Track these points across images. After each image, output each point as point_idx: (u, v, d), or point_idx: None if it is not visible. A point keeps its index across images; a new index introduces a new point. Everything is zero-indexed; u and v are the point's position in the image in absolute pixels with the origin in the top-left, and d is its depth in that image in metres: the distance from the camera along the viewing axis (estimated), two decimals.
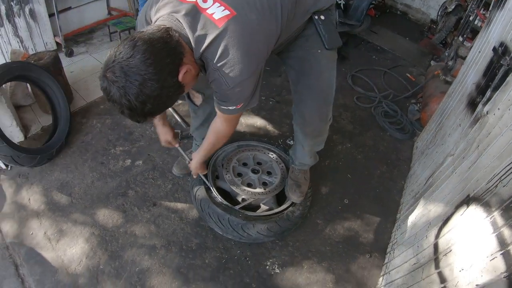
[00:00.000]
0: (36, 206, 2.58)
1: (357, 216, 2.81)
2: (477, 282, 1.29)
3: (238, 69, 1.48)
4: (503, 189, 1.40)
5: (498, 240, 1.30)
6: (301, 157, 2.56)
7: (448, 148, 2.41)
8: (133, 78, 1.25)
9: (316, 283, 2.35)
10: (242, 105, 1.66)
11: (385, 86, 4.39)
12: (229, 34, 1.43)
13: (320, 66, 1.98)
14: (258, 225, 2.35)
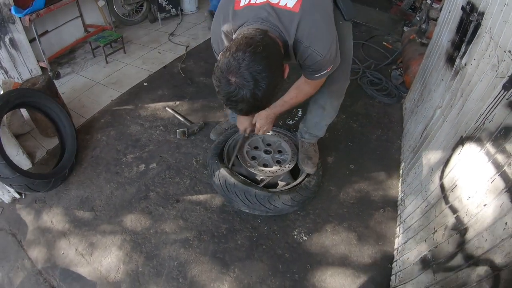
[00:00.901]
0: (60, 226, 2.65)
1: (365, 178, 3.06)
2: (484, 203, 1.54)
3: (325, 39, 1.75)
4: (489, 124, 1.67)
5: (494, 165, 1.54)
6: (313, 125, 2.76)
7: (435, 102, 2.66)
8: (263, 83, 1.47)
9: (342, 242, 2.56)
10: (331, 68, 1.93)
11: (365, 57, 4.69)
12: (307, 14, 1.67)
13: (343, 35, 2.13)
14: (283, 196, 2.57)
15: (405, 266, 2.19)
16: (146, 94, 3.99)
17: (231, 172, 2.71)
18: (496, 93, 1.68)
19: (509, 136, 1.48)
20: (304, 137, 2.90)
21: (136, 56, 4.78)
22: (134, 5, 5.51)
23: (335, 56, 1.90)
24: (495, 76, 1.76)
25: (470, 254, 1.53)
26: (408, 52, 4.15)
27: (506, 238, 1.32)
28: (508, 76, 1.62)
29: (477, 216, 1.57)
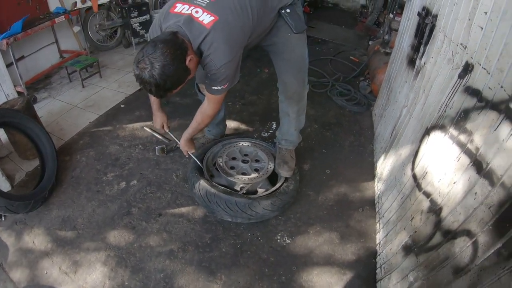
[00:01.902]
0: (42, 246, 2.57)
1: (341, 181, 3.13)
2: (454, 181, 1.63)
3: (222, 54, 2.05)
4: (450, 111, 1.83)
5: (458, 145, 1.67)
6: (286, 132, 2.93)
7: (401, 103, 2.80)
8: (156, 65, 1.83)
9: (325, 243, 2.59)
10: (227, 85, 2.21)
11: (334, 71, 4.89)
12: (215, 32, 2.00)
13: (292, 45, 2.50)
14: (263, 202, 2.60)
15: (389, 257, 2.24)
16: (124, 115, 3.98)
17: (211, 183, 2.73)
18: (453, 82, 1.85)
19: (468, 117, 1.62)
20: (281, 143, 3.01)
21: (112, 80, 4.78)
22: (108, 31, 5.53)
23: (232, 76, 2.20)
24: (451, 68, 1.93)
25: (448, 230, 1.60)
26: (374, 63, 4.31)
27: (477, 206, 1.39)
28: (462, 66, 1.78)
29: (449, 194, 1.65)
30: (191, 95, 4.21)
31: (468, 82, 1.71)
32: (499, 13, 1.46)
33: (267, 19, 2.31)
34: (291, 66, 2.59)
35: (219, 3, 2.07)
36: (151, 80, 1.87)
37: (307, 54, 2.63)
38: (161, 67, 1.84)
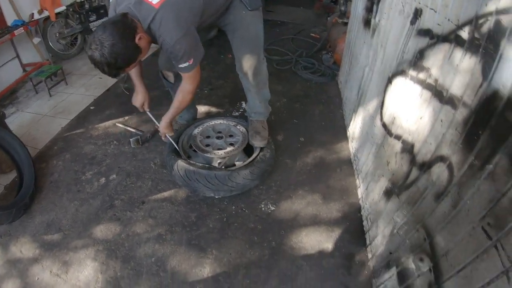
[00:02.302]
0: (30, 254, 2.49)
1: (316, 146, 3.15)
2: (420, 117, 1.66)
3: (172, 31, 2.05)
4: (407, 55, 1.89)
5: (419, 83, 1.72)
6: (253, 105, 2.95)
7: (363, 63, 2.83)
8: (106, 44, 1.88)
9: (308, 205, 2.61)
10: (192, 61, 2.20)
11: (296, 48, 4.91)
12: (163, 11, 2.02)
13: (247, 22, 2.51)
14: (242, 172, 2.61)
15: (373, 207, 2.27)
16: (95, 116, 3.89)
17: (189, 162, 2.72)
18: (407, 30, 1.91)
19: (423, 56, 1.69)
20: (251, 116, 3.03)
21: (78, 85, 4.66)
22: (68, 39, 5.37)
23: (193, 51, 2.19)
24: (403, 18, 1.99)
25: (422, 162, 1.62)
26: (334, 34, 4.35)
27: (445, 131, 1.42)
28: (413, 13, 1.85)
29: (418, 130, 1.68)
30: (159, 87, 4.16)
31: (419, 25, 1.77)
32: None
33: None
34: (246, 42, 2.60)
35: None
36: (102, 60, 1.92)
37: (262, 31, 2.64)
38: (110, 46, 1.89)
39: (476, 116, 1.24)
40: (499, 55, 1.12)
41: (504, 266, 1.03)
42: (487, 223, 1.13)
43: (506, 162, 1.07)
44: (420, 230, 1.59)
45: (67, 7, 5.17)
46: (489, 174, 1.14)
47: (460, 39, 1.37)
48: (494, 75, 1.15)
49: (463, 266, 1.23)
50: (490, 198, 1.13)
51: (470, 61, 1.29)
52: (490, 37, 1.18)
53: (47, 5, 4.82)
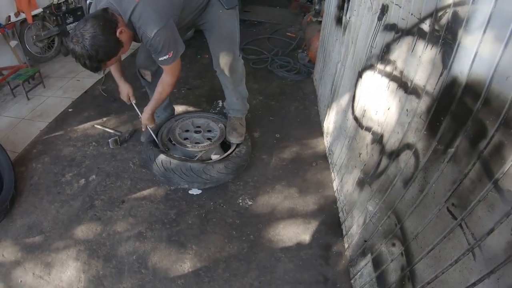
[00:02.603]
0: (13, 257, 2.45)
1: (292, 142, 3.19)
2: (388, 108, 1.71)
3: (151, 23, 2.07)
4: (375, 50, 1.95)
5: (386, 75, 1.78)
6: (231, 102, 2.97)
7: (335, 59, 2.88)
8: (87, 36, 1.91)
9: (285, 198, 2.64)
10: (172, 54, 2.22)
11: (272, 47, 4.94)
12: (143, 4, 2.05)
13: (223, 20, 2.57)
14: (217, 165, 2.65)
15: (347, 198, 2.31)
16: (73, 118, 3.84)
17: (167, 153, 2.75)
18: (374, 26, 1.97)
19: (390, 50, 1.74)
20: (229, 112, 3.07)
21: (56, 87, 4.58)
22: (46, 41, 5.26)
23: (172, 45, 2.21)
24: (371, 15, 2.05)
25: (391, 151, 1.67)
26: (308, 33, 4.41)
27: (411, 120, 1.47)
28: (380, 9, 1.90)
29: (386, 121, 1.73)
30: (136, 88, 4.10)
31: (386, 21, 1.83)
32: None
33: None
34: (222, 40, 2.64)
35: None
36: (83, 52, 1.94)
37: (237, 29, 2.68)
38: (91, 38, 1.91)
39: (438, 103, 1.28)
40: (457, 44, 1.17)
41: (469, 243, 1.08)
42: (451, 203, 1.18)
43: (466, 144, 1.11)
44: (391, 216, 1.63)
45: (44, 9, 5.06)
46: (451, 157, 1.19)
47: (422, 32, 1.42)
48: (453, 63, 1.19)
49: (432, 247, 1.28)
50: (453, 180, 1.17)
51: (431, 52, 1.34)
52: (449, 28, 1.23)
53: (23, 8, 4.71)
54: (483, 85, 1.04)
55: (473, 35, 1.09)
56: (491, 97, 1.01)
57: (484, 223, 1.02)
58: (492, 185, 1.00)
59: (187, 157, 2.80)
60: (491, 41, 1.02)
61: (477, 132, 1.07)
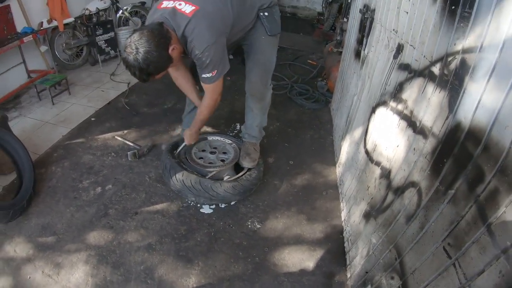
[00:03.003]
0: (24, 253, 2.55)
1: (304, 170, 3.27)
2: (397, 145, 1.80)
3: (203, 38, 2.21)
4: (389, 87, 2.04)
5: (397, 113, 1.86)
6: (250, 127, 3.08)
7: (352, 92, 2.99)
8: (141, 50, 2.04)
9: (293, 225, 2.71)
10: (216, 72, 2.35)
11: (293, 74, 5.07)
12: (196, 19, 2.18)
13: (263, 46, 2.71)
14: (225, 184, 2.76)
15: (353, 229, 2.38)
16: (95, 127, 4.00)
17: (181, 166, 2.88)
18: (390, 63, 2.06)
19: (402, 89, 1.83)
20: (245, 137, 3.17)
21: (81, 96, 4.78)
22: (74, 49, 5.52)
23: (218, 63, 2.34)
24: (387, 52, 2.14)
25: (397, 187, 1.74)
26: (329, 62, 4.53)
27: (417, 159, 1.55)
28: (395, 48, 2.00)
29: (395, 157, 1.81)
30: (159, 105, 4.34)
31: (400, 60, 1.92)
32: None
33: (247, 16, 2.52)
34: (259, 66, 2.76)
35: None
36: (135, 64, 2.08)
37: (275, 58, 2.83)
38: (145, 53, 2.04)
39: (442, 145, 1.37)
40: (463, 90, 1.26)
41: (460, 283, 1.15)
42: (447, 243, 1.25)
43: (465, 187, 1.20)
44: (392, 251, 1.70)
45: (76, 19, 5.34)
46: (451, 198, 1.26)
47: (433, 75, 1.52)
48: (458, 108, 1.28)
49: (427, 283, 1.34)
50: (451, 220, 1.25)
51: (440, 95, 1.43)
52: (456, 74, 1.32)
53: (56, 16, 4.99)
54: (484, 132, 1.12)
55: (478, 82, 1.18)
56: (491, 144, 1.09)
57: (475, 264, 1.09)
58: (485, 229, 1.07)
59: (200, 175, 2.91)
60: (494, 90, 1.10)
61: (476, 177, 1.14)
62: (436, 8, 1.52)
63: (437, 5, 1.51)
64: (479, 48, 1.18)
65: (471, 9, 1.23)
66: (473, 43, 1.22)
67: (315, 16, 7.36)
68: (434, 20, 1.53)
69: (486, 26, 1.15)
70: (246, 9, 2.48)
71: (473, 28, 1.22)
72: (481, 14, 1.19)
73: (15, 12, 4.56)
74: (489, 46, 1.13)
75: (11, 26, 4.51)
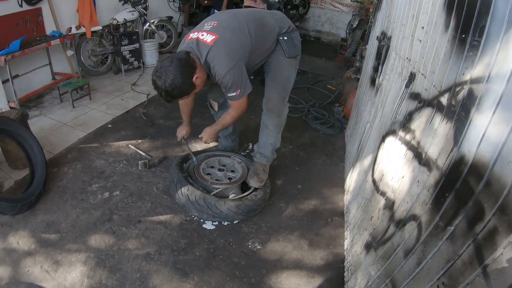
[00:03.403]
0: (26, 247, 2.59)
1: (312, 195, 3.23)
2: (402, 176, 1.77)
3: (223, 64, 2.41)
4: (399, 116, 2.01)
5: (404, 143, 1.84)
6: (263, 145, 3.10)
7: (365, 119, 2.97)
8: (169, 76, 2.27)
9: (294, 249, 2.66)
10: (240, 91, 2.53)
11: (310, 98, 5.05)
12: (216, 47, 2.41)
13: (282, 66, 2.82)
14: (228, 203, 2.76)
15: (354, 259, 2.32)
16: (111, 134, 4.07)
17: (188, 180, 2.91)
18: (402, 92, 2.05)
19: (412, 118, 1.81)
20: (256, 156, 3.17)
21: (101, 102, 4.88)
22: (100, 57, 5.67)
23: (240, 84, 2.51)
24: (400, 80, 2.13)
25: (399, 219, 1.71)
26: (347, 88, 4.53)
27: (420, 191, 1.52)
28: (408, 76, 1.98)
29: (399, 188, 1.78)
30: (175, 118, 4.39)
31: (412, 89, 1.91)
32: (432, 26, 1.70)
33: (266, 41, 2.70)
34: (276, 83, 2.86)
35: (220, 26, 2.51)
36: (162, 87, 2.31)
37: (293, 77, 2.92)
38: (172, 79, 2.27)
39: (445, 179, 1.34)
40: (469, 122, 1.24)
41: None
42: (442, 282, 1.21)
43: (464, 225, 1.16)
44: (388, 285, 1.65)
45: (103, 27, 5.52)
46: (449, 235, 1.23)
47: (441, 105, 1.49)
48: (463, 141, 1.26)
49: None
50: (447, 258, 1.21)
51: (446, 126, 1.41)
52: (463, 105, 1.30)
53: (85, 23, 5.18)
54: (487, 167, 1.09)
55: (483, 114, 1.15)
56: (492, 180, 1.06)
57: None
58: (481, 270, 1.04)
59: (206, 190, 2.92)
60: (499, 123, 1.08)
61: (476, 214, 1.11)
62: (448, 37, 1.51)
63: (449, 34, 1.50)
64: (487, 78, 1.16)
65: (481, 38, 1.22)
66: (481, 73, 1.20)
67: (338, 42, 7.40)
68: (445, 48, 1.52)
69: (494, 55, 1.14)
70: (265, 34, 2.66)
71: (482, 57, 1.21)
72: (489, 42, 1.18)
73: (46, 15, 4.75)
74: (496, 76, 1.11)
75: (41, 28, 4.68)
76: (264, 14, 2.83)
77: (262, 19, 2.69)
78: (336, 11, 8.18)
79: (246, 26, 2.54)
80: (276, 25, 2.73)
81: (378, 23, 3.36)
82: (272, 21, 2.73)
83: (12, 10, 4.28)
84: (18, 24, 4.36)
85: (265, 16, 2.76)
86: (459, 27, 1.41)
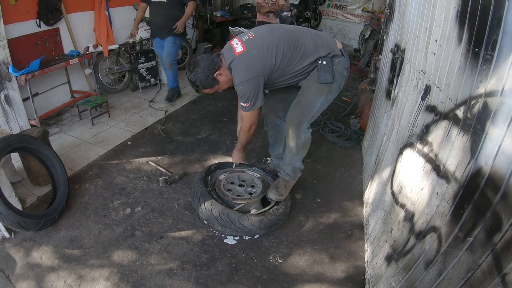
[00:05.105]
0: (49, 262, 2.68)
1: (331, 208, 3.28)
2: (421, 188, 1.82)
3: (239, 74, 2.67)
4: (416, 129, 2.07)
5: (422, 156, 1.89)
6: (284, 163, 3.16)
7: (382, 131, 3.03)
8: (193, 68, 2.72)
9: (315, 262, 2.71)
10: (249, 104, 2.72)
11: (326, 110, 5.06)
12: (239, 59, 2.67)
13: (309, 91, 2.85)
14: (252, 218, 2.83)
15: (375, 271, 2.36)
16: (130, 151, 4.19)
17: (211, 195, 2.98)
18: (418, 104, 2.10)
19: (429, 131, 1.86)
20: (280, 172, 3.24)
21: (119, 119, 5.03)
22: (117, 75, 5.85)
23: (251, 97, 2.70)
24: (416, 93, 2.19)
25: (419, 231, 1.76)
26: (362, 100, 4.59)
27: (439, 203, 1.58)
28: (423, 89, 2.05)
29: (418, 200, 1.83)
30: (193, 134, 4.51)
31: (427, 101, 1.97)
32: (445, 39, 1.76)
33: (297, 62, 2.76)
34: (298, 106, 2.89)
35: (253, 41, 2.70)
36: (188, 77, 2.76)
37: (319, 104, 2.86)
38: (195, 72, 2.70)
39: (463, 191, 1.39)
40: (485, 134, 1.29)
41: None
42: None
43: (483, 235, 1.22)
44: None
45: (120, 46, 5.71)
46: (469, 246, 1.28)
47: (457, 118, 1.55)
48: (480, 154, 1.31)
49: None
50: (468, 268, 1.26)
51: (463, 139, 1.46)
52: (479, 118, 1.35)
53: (102, 42, 5.38)
54: (503, 179, 1.14)
55: (498, 127, 1.21)
56: (509, 192, 1.11)
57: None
58: (500, 279, 1.09)
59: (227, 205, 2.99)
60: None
61: (494, 225, 1.17)
62: (461, 50, 1.57)
63: (462, 47, 1.56)
64: (500, 92, 1.21)
65: (493, 51, 1.27)
66: (495, 87, 1.26)
67: (351, 53, 7.47)
68: (459, 62, 1.58)
69: (507, 69, 1.19)
70: (295, 55, 2.73)
71: (495, 71, 1.26)
72: (502, 55, 1.23)
73: (64, 35, 4.96)
74: (510, 90, 1.17)
75: (59, 48, 4.89)
76: (304, 35, 2.77)
77: (298, 41, 2.72)
78: (348, 22, 8.30)
79: (276, 45, 2.67)
80: (314, 48, 2.73)
81: (391, 35, 3.44)
82: (309, 45, 2.73)
83: (31, 31, 4.48)
84: (37, 44, 4.56)
85: (304, 38, 2.74)
86: (472, 41, 1.47)
